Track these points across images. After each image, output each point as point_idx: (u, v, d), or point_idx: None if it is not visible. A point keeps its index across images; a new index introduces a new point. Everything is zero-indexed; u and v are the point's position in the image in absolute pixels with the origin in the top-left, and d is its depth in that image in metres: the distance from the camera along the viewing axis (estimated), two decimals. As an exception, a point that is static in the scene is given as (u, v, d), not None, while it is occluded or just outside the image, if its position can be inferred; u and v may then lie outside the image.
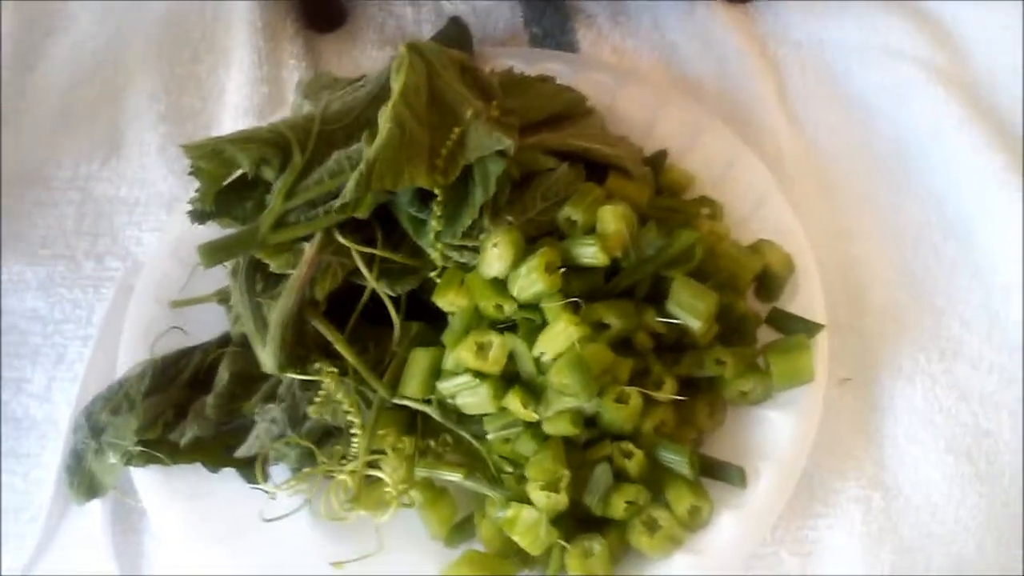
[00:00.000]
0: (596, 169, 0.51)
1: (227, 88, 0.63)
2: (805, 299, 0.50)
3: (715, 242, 0.49)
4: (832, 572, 0.46)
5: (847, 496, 0.47)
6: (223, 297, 0.51)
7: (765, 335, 0.49)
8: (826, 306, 0.49)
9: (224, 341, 0.50)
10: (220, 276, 0.51)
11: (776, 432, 0.47)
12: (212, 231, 0.51)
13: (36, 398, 0.53)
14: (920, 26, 0.62)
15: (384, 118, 0.45)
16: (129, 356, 0.50)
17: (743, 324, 0.48)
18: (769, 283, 0.50)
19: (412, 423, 0.47)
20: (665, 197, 0.53)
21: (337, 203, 0.45)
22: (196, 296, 0.52)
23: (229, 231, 0.48)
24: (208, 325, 0.52)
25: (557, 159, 0.49)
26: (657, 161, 0.55)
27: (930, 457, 0.48)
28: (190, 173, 0.46)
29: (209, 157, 0.46)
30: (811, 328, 0.48)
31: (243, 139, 0.46)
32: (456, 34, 0.61)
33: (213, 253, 0.45)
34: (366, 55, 0.64)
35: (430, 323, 0.48)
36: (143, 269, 0.53)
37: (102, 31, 0.66)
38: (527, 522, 0.43)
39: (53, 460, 0.50)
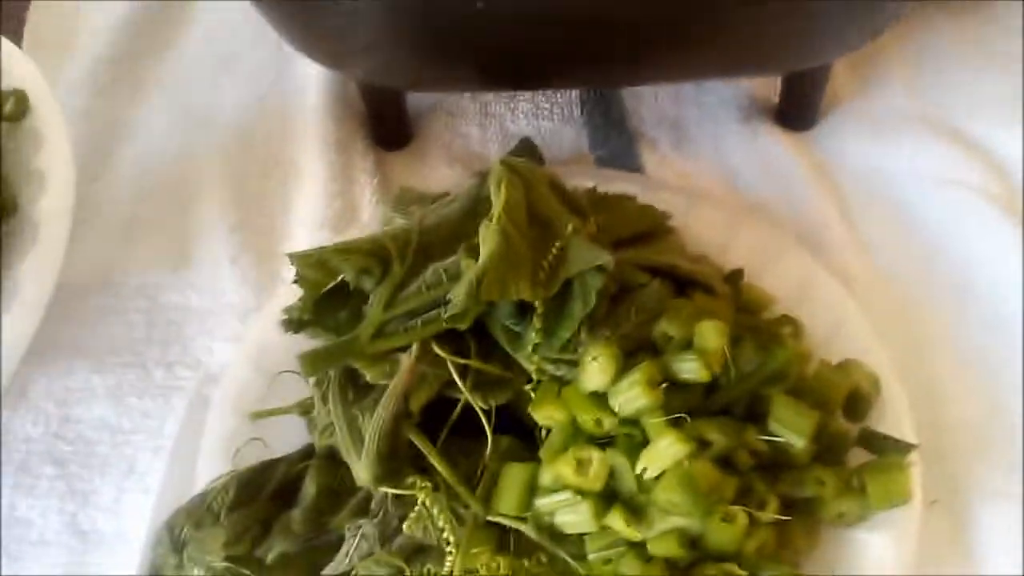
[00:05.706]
0: (681, 286, 0.52)
1: (296, 202, 0.63)
2: (892, 419, 0.50)
3: (803, 361, 0.50)
4: None
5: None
6: (305, 409, 0.51)
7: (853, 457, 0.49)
8: (911, 426, 0.50)
9: (307, 453, 0.50)
10: (298, 387, 0.51)
11: (874, 554, 0.46)
12: (290, 340, 0.51)
13: (104, 511, 0.51)
14: (968, 154, 0.64)
15: (490, 231, 0.45)
16: (208, 468, 0.49)
17: (838, 444, 0.48)
18: (857, 403, 0.50)
19: (505, 541, 0.46)
20: (745, 316, 0.54)
21: (446, 313, 0.45)
22: (276, 407, 0.51)
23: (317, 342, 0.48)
24: (288, 437, 0.51)
25: (648, 275, 0.50)
26: (734, 280, 0.56)
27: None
28: (293, 282, 0.46)
29: (314, 266, 0.46)
30: (903, 448, 0.48)
31: (345, 249, 0.47)
32: (527, 154, 0.62)
33: (315, 362, 0.45)
34: (435, 172, 0.65)
35: (520, 439, 0.48)
36: (221, 379, 0.53)
37: (169, 144, 0.67)
38: (637, 641, 0.42)
39: (122, 576, 0.48)
